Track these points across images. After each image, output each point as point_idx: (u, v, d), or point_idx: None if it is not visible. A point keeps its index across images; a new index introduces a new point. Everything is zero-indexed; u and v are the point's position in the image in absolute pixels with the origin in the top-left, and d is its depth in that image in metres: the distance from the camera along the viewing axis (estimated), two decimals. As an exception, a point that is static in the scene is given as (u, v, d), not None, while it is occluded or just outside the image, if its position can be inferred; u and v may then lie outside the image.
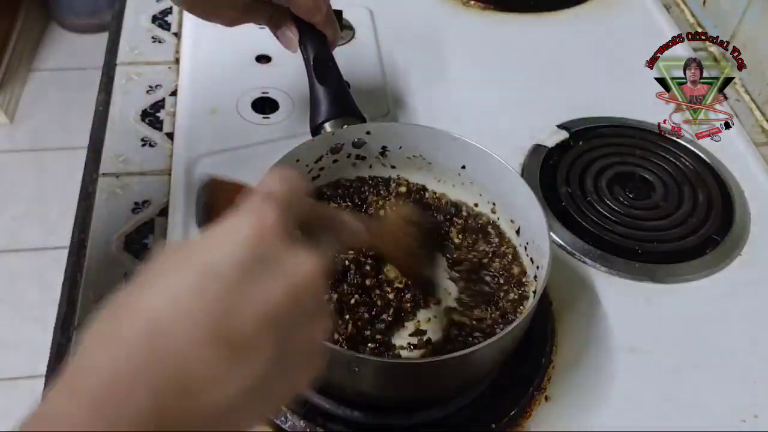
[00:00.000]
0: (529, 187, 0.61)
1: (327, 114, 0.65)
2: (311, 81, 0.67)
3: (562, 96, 0.87)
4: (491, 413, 0.59)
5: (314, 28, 0.66)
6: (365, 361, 0.52)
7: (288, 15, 0.65)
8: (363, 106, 0.69)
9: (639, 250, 0.71)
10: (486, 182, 0.66)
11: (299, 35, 0.66)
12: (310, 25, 0.66)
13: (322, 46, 0.67)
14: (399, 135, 0.67)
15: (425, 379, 0.53)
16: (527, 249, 0.63)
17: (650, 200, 0.77)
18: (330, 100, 0.66)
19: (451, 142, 0.66)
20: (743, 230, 0.74)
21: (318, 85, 0.66)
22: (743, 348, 0.65)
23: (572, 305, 0.66)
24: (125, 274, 0.66)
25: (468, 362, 0.53)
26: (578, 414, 0.60)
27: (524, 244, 0.63)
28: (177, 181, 0.72)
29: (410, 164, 0.68)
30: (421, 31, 0.94)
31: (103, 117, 0.80)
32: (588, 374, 0.62)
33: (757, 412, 0.61)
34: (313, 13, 0.65)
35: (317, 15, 0.65)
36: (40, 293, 1.71)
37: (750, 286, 0.70)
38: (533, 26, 0.97)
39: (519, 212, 0.64)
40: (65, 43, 2.40)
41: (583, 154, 0.80)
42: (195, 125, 0.78)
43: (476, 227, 0.66)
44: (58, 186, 1.97)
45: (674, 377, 0.63)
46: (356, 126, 0.65)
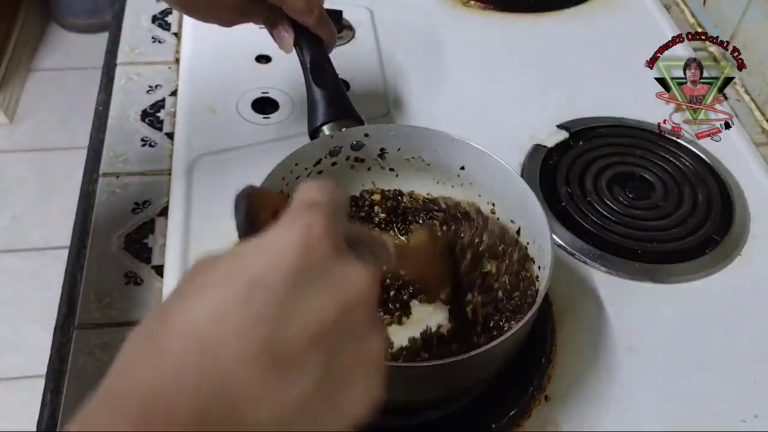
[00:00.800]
0: (528, 187, 0.61)
1: (325, 117, 0.65)
2: (308, 83, 0.67)
3: (562, 96, 0.87)
4: (491, 413, 0.59)
5: (309, 30, 0.66)
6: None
7: (284, 15, 0.65)
8: (363, 106, 0.69)
9: (639, 250, 0.71)
10: (485, 183, 0.66)
11: (295, 37, 0.66)
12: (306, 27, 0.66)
13: (319, 48, 0.67)
14: (397, 136, 0.67)
15: (428, 381, 0.53)
16: (528, 249, 0.63)
17: (650, 200, 0.77)
18: (327, 103, 0.65)
19: (449, 143, 0.66)
20: (743, 230, 0.75)
21: (315, 88, 0.66)
22: (743, 348, 0.65)
23: (572, 305, 0.66)
24: (125, 274, 0.66)
25: (472, 364, 0.53)
26: (578, 414, 0.60)
27: (525, 243, 0.63)
28: (177, 181, 0.72)
29: (409, 166, 0.68)
30: (421, 31, 0.94)
31: (103, 117, 0.80)
32: (588, 374, 0.62)
33: (757, 412, 0.61)
34: (306, 15, 0.64)
35: (309, 17, 0.65)
36: (40, 293, 1.71)
37: (750, 285, 0.70)
38: (533, 26, 0.97)
39: (519, 212, 0.64)
40: (65, 43, 2.40)
41: (583, 154, 0.80)
42: (195, 125, 0.78)
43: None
44: (58, 186, 1.97)
45: (674, 377, 0.63)
46: (355, 128, 0.65)
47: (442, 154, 0.67)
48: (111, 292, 0.64)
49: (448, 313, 0.61)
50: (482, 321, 0.60)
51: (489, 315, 0.60)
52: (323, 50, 0.67)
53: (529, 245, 0.63)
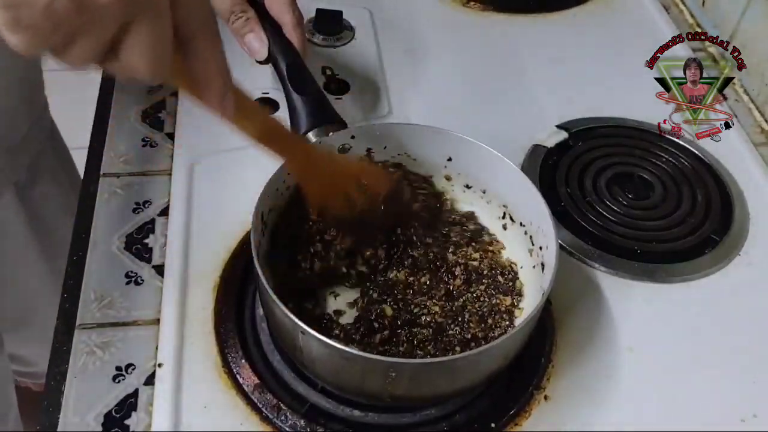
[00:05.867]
0: (515, 166, 0.63)
1: (309, 124, 0.65)
2: (287, 91, 0.66)
3: (561, 96, 0.87)
4: (491, 412, 0.59)
5: (283, 36, 0.66)
6: (373, 361, 0.52)
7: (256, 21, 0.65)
8: (363, 106, 0.69)
9: (638, 250, 0.72)
10: (473, 170, 0.67)
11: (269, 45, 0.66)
12: (280, 33, 0.65)
13: (294, 54, 0.66)
14: (382, 135, 0.67)
15: (428, 379, 0.54)
16: (527, 232, 0.64)
17: (650, 200, 0.77)
18: (309, 109, 0.65)
19: (434, 136, 0.66)
20: (742, 230, 0.75)
21: (295, 95, 0.65)
22: (743, 348, 0.65)
23: (571, 305, 0.66)
24: (126, 274, 0.66)
25: (472, 363, 0.53)
26: (577, 413, 0.60)
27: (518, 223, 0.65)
28: (177, 181, 0.73)
29: (396, 162, 0.69)
30: (421, 32, 0.94)
31: (103, 117, 0.80)
32: (587, 374, 0.62)
33: (757, 411, 0.61)
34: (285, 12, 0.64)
35: (287, 14, 0.65)
36: (41, 293, 1.70)
37: (749, 285, 0.70)
38: (533, 26, 0.97)
39: (510, 196, 0.65)
40: (65, 43, 2.39)
41: (582, 155, 0.80)
42: (195, 125, 0.78)
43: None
44: (59, 186, 1.97)
45: (673, 377, 0.63)
46: (341, 132, 0.65)
47: (428, 148, 0.67)
48: (111, 291, 0.65)
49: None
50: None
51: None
52: (298, 55, 0.67)
53: (527, 228, 0.64)
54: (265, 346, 0.62)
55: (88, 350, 0.61)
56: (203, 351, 0.61)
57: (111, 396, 0.58)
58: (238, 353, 0.61)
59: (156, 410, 0.57)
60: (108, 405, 0.58)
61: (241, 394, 0.58)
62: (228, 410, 0.58)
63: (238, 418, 0.57)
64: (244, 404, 0.58)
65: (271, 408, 0.57)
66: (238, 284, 0.65)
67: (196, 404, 0.58)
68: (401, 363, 0.54)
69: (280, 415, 0.57)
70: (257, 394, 0.58)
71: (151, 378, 0.59)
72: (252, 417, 0.57)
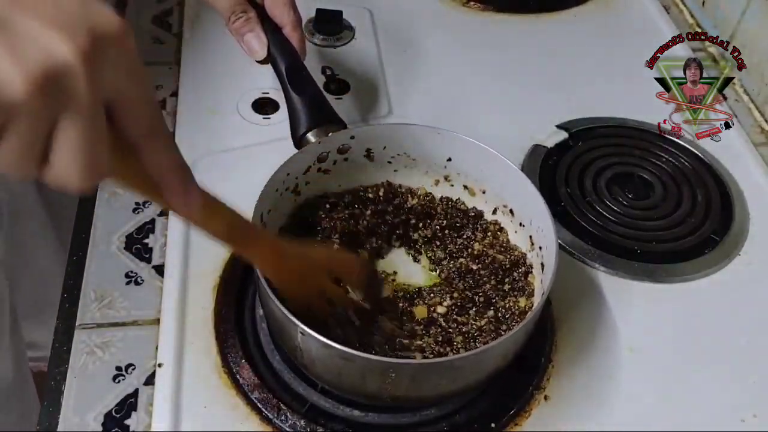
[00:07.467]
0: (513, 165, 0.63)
1: (308, 124, 0.65)
2: (286, 92, 0.66)
3: (561, 96, 0.87)
4: (491, 412, 0.59)
5: (283, 37, 0.66)
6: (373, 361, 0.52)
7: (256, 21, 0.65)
8: (363, 106, 0.69)
9: (638, 250, 0.72)
10: (472, 170, 0.67)
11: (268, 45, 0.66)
12: (279, 33, 0.66)
13: (293, 54, 0.66)
14: (382, 136, 0.67)
15: (427, 379, 0.53)
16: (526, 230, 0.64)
17: (649, 200, 0.77)
18: (308, 110, 0.65)
19: (434, 136, 0.66)
20: (742, 230, 0.75)
21: (294, 95, 0.65)
22: (743, 348, 0.66)
23: (571, 305, 0.66)
24: (126, 274, 0.66)
25: (471, 363, 0.53)
26: (577, 413, 0.60)
27: (517, 224, 0.65)
28: (177, 181, 0.73)
29: (396, 163, 0.69)
30: (421, 32, 0.94)
31: (103, 117, 0.80)
32: (587, 374, 0.62)
33: (757, 411, 0.61)
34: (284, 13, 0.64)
35: (287, 15, 0.65)
36: (41, 293, 1.71)
37: (749, 285, 0.70)
38: (533, 26, 0.97)
39: (510, 196, 0.65)
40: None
41: (582, 155, 0.80)
42: (195, 125, 0.78)
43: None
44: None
45: (673, 377, 0.63)
46: (340, 132, 0.65)
47: (427, 148, 0.67)
48: (111, 291, 0.65)
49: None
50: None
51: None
52: (298, 56, 0.67)
53: (526, 226, 0.64)
54: (265, 346, 0.62)
55: (88, 350, 0.61)
56: (203, 351, 0.61)
57: (111, 396, 0.58)
58: (238, 353, 0.61)
59: (156, 410, 0.57)
60: (108, 405, 0.58)
61: (241, 394, 0.58)
62: (228, 410, 0.58)
63: (238, 418, 0.57)
64: (244, 404, 0.58)
65: (271, 408, 0.57)
66: (238, 284, 0.65)
67: (196, 404, 0.58)
68: (401, 363, 0.54)
69: (280, 415, 0.57)
70: (257, 394, 0.58)
71: (151, 378, 0.59)
72: (252, 417, 0.57)
